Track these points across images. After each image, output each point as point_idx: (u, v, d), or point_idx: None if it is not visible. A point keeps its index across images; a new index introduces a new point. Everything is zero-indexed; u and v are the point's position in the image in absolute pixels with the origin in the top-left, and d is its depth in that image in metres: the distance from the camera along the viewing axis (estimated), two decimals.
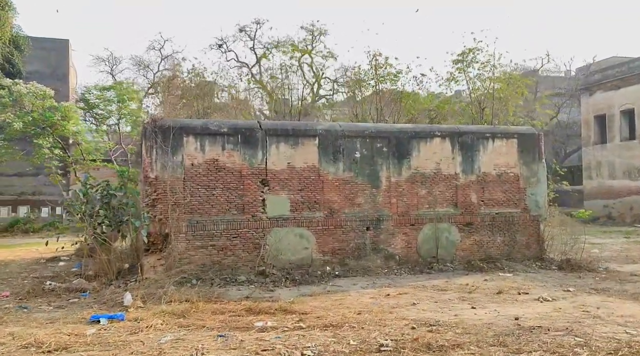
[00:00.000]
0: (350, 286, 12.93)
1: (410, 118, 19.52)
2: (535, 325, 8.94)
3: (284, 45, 36.17)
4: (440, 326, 8.92)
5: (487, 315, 9.84)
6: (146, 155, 13.59)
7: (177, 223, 13.48)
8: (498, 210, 15.96)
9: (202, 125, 14.16)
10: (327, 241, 14.64)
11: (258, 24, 39.80)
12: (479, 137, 15.93)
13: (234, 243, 13.92)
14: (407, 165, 15.31)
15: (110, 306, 10.73)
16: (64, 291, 12.10)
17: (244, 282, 13.31)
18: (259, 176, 14.23)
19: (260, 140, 14.28)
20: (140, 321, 9.21)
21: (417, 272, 14.75)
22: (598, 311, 10.00)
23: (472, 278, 13.81)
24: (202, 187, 13.85)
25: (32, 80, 41.47)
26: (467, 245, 15.62)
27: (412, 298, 11.39)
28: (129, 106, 23.82)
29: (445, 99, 20.54)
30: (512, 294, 11.83)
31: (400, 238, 15.19)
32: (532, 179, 16.24)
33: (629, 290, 12.18)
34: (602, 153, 37.72)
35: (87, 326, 9.08)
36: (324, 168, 14.71)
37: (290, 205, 14.43)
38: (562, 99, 42.47)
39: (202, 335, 8.40)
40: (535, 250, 16.05)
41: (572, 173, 42.91)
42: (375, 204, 15.08)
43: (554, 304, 10.75)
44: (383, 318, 9.53)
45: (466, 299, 11.34)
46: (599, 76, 38.53)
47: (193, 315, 9.75)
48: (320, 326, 8.92)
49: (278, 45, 36.34)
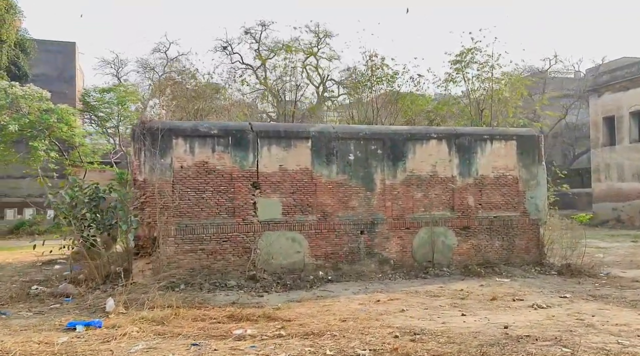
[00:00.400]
0: (342, 292, 12.64)
1: (408, 120, 19.15)
2: (523, 334, 8.60)
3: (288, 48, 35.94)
4: (424, 334, 8.60)
5: (476, 323, 9.50)
6: (135, 158, 13.39)
7: (166, 227, 13.25)
8: (496, 213, 15.58)
9: (191, 127, 13.93)
10: (320, 245, 14.35)
11: (263, 25, 39.65)
12: (477, 138, 15.56)
13: (224, 247, 13.67)
14: (402, 168, 14.98)
15: (92, 313, 10.50)
16: (47, 297, 11.87)
17: (234, 287, 13.06)
18: (250, 179, 13.97)
19: (252, 142, 14.03)
20: (117, 329, 8.96)
21: (412, 277, 14.42)
22: (592, 320, 9.63)
23: (467, 284, 13.45)
24: (191, 189, 13.61)
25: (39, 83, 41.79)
26: (464, 250, 15.26)
27: (403, 305, 11.07)
28: (129, 108, 23.65)
29: (444, 101, 20.15)
30: (506, 300, 11.48)
31: (395, 242, 14.87)
32: (532, 182, 15.84)
33: (628, 297, 11.77)
34: (611, 156, 37.06)
35: (62, 333, 8.83)
36: (317, 170, 14.42)
37: (282, 208, 14.16)
38: (570, 100, 41.85)
39: (176, 343, 8.14)
40: (534, 255, 15.65)
41: (581, 175, 42.33)
42: (370, 207, 14.76)
43: (548, 311, 10.40)
44: (367, 325, 9.23)
45: (458, 306, 11.00)
46: (607, 77, 37.90)
47: (173, 322, 9.48)
48: (301, 335, 8.64)
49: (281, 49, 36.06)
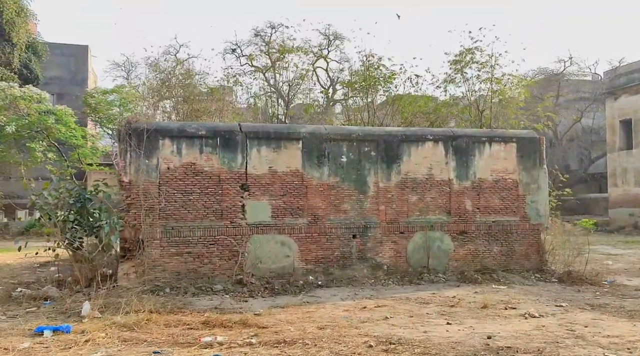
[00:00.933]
0: (330, 298, 12.25)
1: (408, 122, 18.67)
2: (505, 345, 8.15)
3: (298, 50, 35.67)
4: (400, 344, 8.19)
5: (459, 332, 9.06)
6: (120, 159, 13.15)
7: (151, 229, 12.99)
8: (495, 218, 15.05)
9: (178, 128, 13.66)
10: (311, 249, 13.97)
11: (273, 28, 39.44)
12: (475, 140, 15.06)
13: (210, 251, 13.36)
14: (396, 170, 14.54)
15: (67, 317, 10.23)
16: (27, 300, 11.67)
17: (220, 291, 12.74)
18: (238, 180, 13.65)
19: (241, 143, 13.71)
20: (84, 334, 8.68)
21: (406, 283, 13.97)
22: (584, 330, 9.14)
23: (462, 291, 12.97)
24: (178, 191, 13.33)
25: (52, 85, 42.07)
26: (461, 255, 14.75)
27: (388, 312, 10.65)
28: (132, 110, 23.53)
29: (444, 102, 19.64)
30: (497, 309, 10.99)
31: (389, 246, 14.42)
32: (532, 186, 15.28)
33: (627, 306, 11.20)
34: (628, 160, 36.08)
35: (28, 338, 8.58)
36: (308, 172, 14.05)
37: (271, 211, 13.81)
38: (586, 103, 40.96)
39: (138, 351, 7.82)
40: (535, 261, 15.08)
41: (597, 180, 41.37)
42: (363, 211, 14.35)
43: (539, 321, 9.90)
44: (344, 334, 8.84)
45: (445, 314, 10.55)
46: (624, 79, 36.95)
47: (144, 327, 9.19)
48: (272, 343, 8.29)
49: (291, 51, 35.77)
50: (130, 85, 29.31)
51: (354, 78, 20.42)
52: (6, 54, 32.26)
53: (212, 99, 19.60)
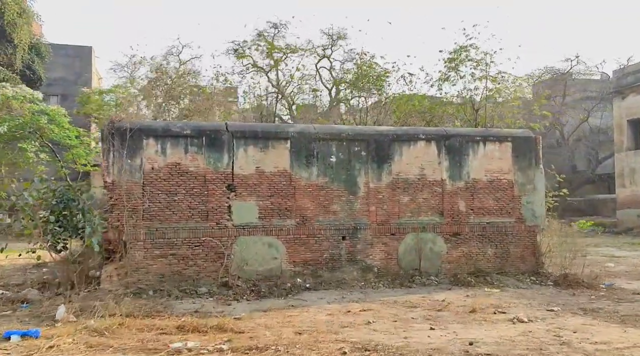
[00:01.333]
0: (316, 301, 11.92)
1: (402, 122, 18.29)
2: (486, 352, 7.82)
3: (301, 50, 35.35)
4: (376, 351, 7.88)
5: (441, 338, 8.72)
6: (103, 159, 12.91)
7: (134, 231, 12.73)
8: (489, 219, 14.64)
9: (163, 127, 13.41)
10: (299, 251, 13.65)
11: (276, 28, 39.15)
12: (468, 140, 14.66)
13: (196, 253, 13.08)
14: (387, 170, 14.19)
15: (41, 321, 9.98)
16: (5, 302, 11.44)
17: (205, 294, 12.47)
18: (224, 181, 13.36)
19: (227, 143, 13.42)
20: (51, 339, 8.42)
21: (396, 286, 13.60)
22: (572, 336, 8.77)
23: (453, 294, 12.61)
24: (162, 192, 13.06)
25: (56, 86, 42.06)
26: (454, 257, 14.36)
27: (372, 316, 10.31)
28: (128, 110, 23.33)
29: (440, 101, 19.22)
30: (486, 313, 10.62)
31: (380, 248, 14.07)
32: (528, 186, 14.86)
33: (621, 311, 10.79)
34: (636, 160, 35.42)
35: None
36: (296, 173, 13.73)
37: (258, 212, 13.50)
38: (593, 103, 40.32)
39: None
40: (530, 264, 14.66)
41: (605, 180, 40.70)
42: (353, 212, 14.01)
43: (527, 326, 9.54)
44: (321, 339, 8.54)
45: (431, 318, 10.21)
46: (632, 78, 36.31)
47: (115, 332, 8.91)
48: (243, 350, 7.99)
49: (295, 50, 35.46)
50: (131, 86, 29.09)
51: (347, 76, 20.08)
52: (8, 55, 32.21)
53: (207, 98, 19.31)
